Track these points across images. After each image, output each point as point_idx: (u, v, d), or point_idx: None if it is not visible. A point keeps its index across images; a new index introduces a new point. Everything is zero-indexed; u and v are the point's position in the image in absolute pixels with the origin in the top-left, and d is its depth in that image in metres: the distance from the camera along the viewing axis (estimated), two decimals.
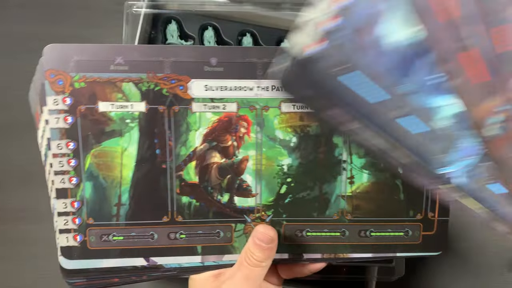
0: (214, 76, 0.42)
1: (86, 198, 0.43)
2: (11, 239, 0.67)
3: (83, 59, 0.41)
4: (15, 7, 0.73)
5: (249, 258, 0.40)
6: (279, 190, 0.44)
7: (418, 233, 0.46)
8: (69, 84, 0.42)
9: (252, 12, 0.60)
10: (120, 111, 0.42)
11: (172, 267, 0.44)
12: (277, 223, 0.44)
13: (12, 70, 0.71)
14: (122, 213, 0.43)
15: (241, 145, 0.43)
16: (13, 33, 0.72)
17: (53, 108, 0.42)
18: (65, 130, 0.43)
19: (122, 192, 0.43)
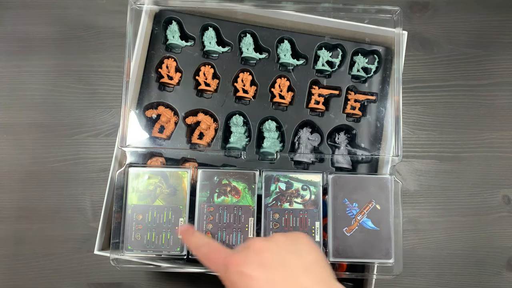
0: None
1: None
2: (11, 239, 0.67)
3: None
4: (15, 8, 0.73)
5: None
6: None
7: None
8: None
9: (252, 12, 0.60)
10: None
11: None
12: None
13: (13, 71, 0.71)
14: None
15: None
16: (14, 33, 0.72)
17: None
18: None
19: None
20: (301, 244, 0.39)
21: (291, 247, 0.38)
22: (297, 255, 0.37)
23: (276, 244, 0.38)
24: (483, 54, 0.73)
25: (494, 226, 0.69)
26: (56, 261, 0.66)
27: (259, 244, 0.38)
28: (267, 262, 0.36)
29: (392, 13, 0.57)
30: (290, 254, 0.37)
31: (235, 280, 0.36)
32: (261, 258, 0.36)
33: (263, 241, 0.38)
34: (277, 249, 0.37)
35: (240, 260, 0.37)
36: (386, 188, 0.53)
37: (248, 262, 0.37)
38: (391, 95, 0.60)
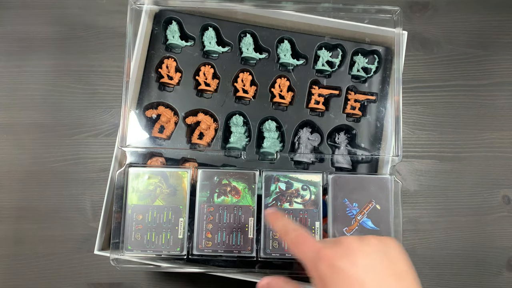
0: None
1: None
2: (11, 239, 0.67)
3: None
4: (15, 8, 0.73)
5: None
6: None
7: None
8: None
9: (252, 12, 0.60)
10: None
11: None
12: None
13: (13, 71, 0.71)
14: None
15: None
16: (14, 33, 0.72)
17: None
18: None
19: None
20: (393, 250, 0.38)
21: (383, 252, 0.37)
22: (390, 262, 0.37)
23: (369, 245, 0.37)
24: (483, 54, 0.73)
25: (494, 226, 0.69)
26: (56, 261, 0.66)
27: (353, 243, 0.37)
28: (360, 263, 0.36)
29: (392, 13, 0.57)
30: (383, 259, 0.37)
31: (325, 272, 0.36)
32: (354, 257, 0.36)
33: (357, 240, 0.37)
34: (369, 251, 0.37)
35: (333, 254, 0.37)
36: (386, 188, 0.53)
37: (342, 257, 0.36)
38: (391, 95, 0.60)
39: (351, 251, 0.36)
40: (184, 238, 0.51)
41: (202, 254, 0.52)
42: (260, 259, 0.52)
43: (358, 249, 0.37)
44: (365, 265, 0.36)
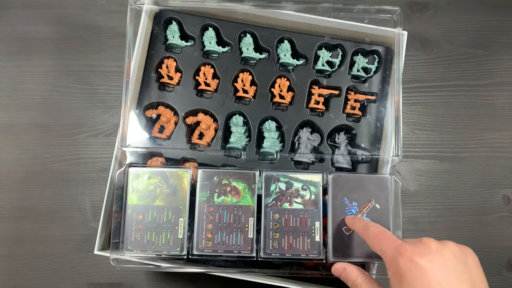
0: None
1: None
2: (11, 239, 0.67)
3: None
4: (15, 8, 0.73)
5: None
6: None
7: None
8: None
9: (252, 12, 0.60)
10: None
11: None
12: None
13: (13, 71, 0.71)
14: None
15: None
16: (14, 33, 0.72)
17: None
18: None
19: None
20: (471, 259, 0.39)
21: (461, 259, 0.39)
22: (466, 268, 0.38)
23: (448, 249, 0.38)
24: (483, 54, 0.73)
25: (494, 226, 0.69)
26: (56, 261, 0.66)
27: (434, 245, 0.38)
28: (438, 263, 0.37)
29: (392, 13, 0.57)
30: (460, 265, 0.38)
31: (405, 266, 0.37)
32: (433, 256, 0.37)
33: (438, 243, 0.38)
34: (448, 254, 0.38)
35: (413, 250, 0.37)
36: (386, 188, 0.53)
37: (421, 255, 0.37)
38: (391, 95, 0.60)
39: (430, 250, 0.37)
40: (184, 238, 0.51)
41: (202, 254, 0.52)
42: (260, 259, 0.52)
43: (438, 250, 0.38)
44: (443, 266, 0.37)
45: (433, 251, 0.37)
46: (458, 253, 0.38)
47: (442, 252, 0.37)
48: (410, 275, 0.36)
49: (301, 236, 0.52)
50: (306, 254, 0.52)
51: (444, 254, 0.37)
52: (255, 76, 0.60)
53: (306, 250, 0.52)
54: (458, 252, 0.39)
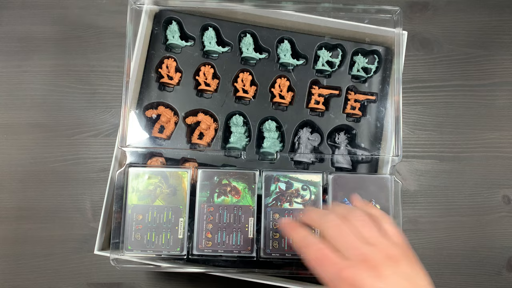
0: None
1: None
2: (11, 239, 0.67)
3: None
4: (15, 8, 0.73)
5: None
6: None
7: None
8: None
9: (252, 12, 0.60)
10: None
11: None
12: None
13: (13, 71, 0.71)
14: None
15: None
16: (14, 33, 0.72)
17: None
18: None
19: None
20: (414, 268, 0.39)
21: (405, 272, 0.38)
22: (410, 280, 0.38)
23: (395, 266, 0.38)
24: (483, 54, 0.73)
25: (494, 226, 0.69)
26: (56, 261, 0.66)
27: (379, 264, 0.38)
28: (384, 283, 0.36)
29: (392, 13, 0.57)
30: (405, 279, 0.37)
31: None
32: (379, 278, 0.37)
33: (383, 260, 0.38)
34: (394, 272, 0.37)
35: (356, 275, 0.37)
36: (386, 188, 0.53)
37: (365, 278, 0.36)
38: (391, 95, 0.60)
39: (375, 271, 0.37)
40: (184, 238, 0.51)
41: (202, 254, 0.52)
42: (260, 259, 0.52)
43: (384, 272, 0.37)
44: (388, 285, 0.36)
45: (378, 272, 0.37)
46: (403, 266, 0.38)
47: (387, 272, 0.37)
48: None
49: None
50: None
51: (390, 273, 0.37)
52: (255, 76, 0.60)
53: None
54: (402, 265, 0.38)
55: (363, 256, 0.38)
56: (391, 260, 0.38)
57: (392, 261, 0.38)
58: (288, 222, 0.44)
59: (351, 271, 0.37)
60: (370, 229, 0.41)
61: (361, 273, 0.37)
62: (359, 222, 0.41)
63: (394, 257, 0.38)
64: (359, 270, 0.37)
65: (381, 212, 0.43)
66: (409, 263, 0.39)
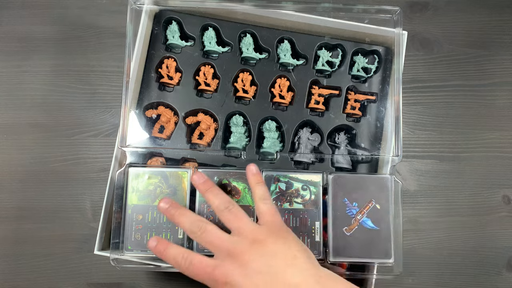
0: None
1: None
2: (11, 239, 0.67)
3: None
4: (15, 8, 0.73)
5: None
6: None
7: None
8: None
9: (252, 12, 0.60)
10: None
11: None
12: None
13: (13, 71, 0.71)
14: None
15: None
16: (14, 33, 0.72)
17: None
18: None
19: None
20: (290, 241, 0.40)
21: (274, 251, 0.39)
22: (277, 255, 0.38)
23: (261, 248, 0.39)
24: (483, 54, 0.73)
25: (494, 226, 0.69)
26: (56, 261, 0.66)
27: (245, 253, 0.39)
28: (252, 272, 0.37)
29: (392, 13, 0.57)
30: (275, 258, 0.38)
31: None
32: (246, 269, 0.38)
33: (249, 249, 0.39)
34: (260, 256, 0.38)
35: (226, 272, 0.38)
36: (386, 188, 0.53)
37: (234, 274, 0.38)
38: (391, 95, 0.60)
39: (242, 263, 0.38)
40: (184, 238, 0.51)
41: (202, 254, 0.51)
42: None
43: (250, 258, 0.38)
44: (255, 270, 0.37)
45: (245, 263, 0.38)
46: (265, 249, 0.39)
47: (254, 259, 0.38)
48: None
49: (301, 236, 0.52)
50: None
51: (256, 259, 0.38)
52: (255, 76, 0.60)
53: None
54: (264, 249, 0.39)
55: (228, 251, 0.39)
56: (256, 243, 0.39)
57: (257, 244, 0.39)
58: (153, 244, 0.45)
59: (220, 270, 0.39)
60: (236, 219, 0.42)
61: (229, 268, 0.38)
62: (227, 215, 0.42)
63: (259, 240, 0.39)
64: (227, 266, 0.39)
65: (259, 192, 0.44)
66: (275, 239, 0.39)
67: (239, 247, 0.39)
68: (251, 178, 0.46)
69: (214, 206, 0.44)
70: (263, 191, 0.45)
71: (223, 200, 0.44)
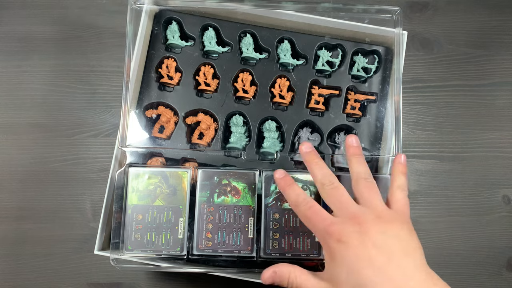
0: None
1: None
2: (11, 239, 0.67)
3: None
4: (15, 8, 0.73)
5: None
6: None
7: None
8: None
9: (252, 12, 0.60)
10: None
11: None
12: None
13: (13, 71, 0.71)
14: None
15: None
16: (14, 33, 0.72)
17: None
18: None
19: None
20: (405, 229, 0.39)
21: (395, 232, 0.38)
22: (399, 239, 0.38)
23: (382, 224, 0.38)
24: (483, 54, 0.73)
25: (494, 226, 0.69)
26: (56, 261, 0.66)
27: (366, 222, 0.38)
28: (369, 240, 0.37)
29: (392, 13, 0.57)
30: (392, 238, 0.38)
31: (334, 247, 0.37)
32: (364, 235, 0.37)
33: (371, 220, 0.39)
34: (380, 231, 0.38)
35: (342, 230, 0.38)
36: (386, 188, 0.53)
37: (350, 234, 0.37)
38: (391, 95, 0.60)
39: (362, 230, 0.37)
40: (184, 238, 0.51)
41: (202, 254, 0.52)
42: (260, 259, 0.52)
43: (371, 229, 0.37)
44: (374, 243, 0.37)
45: (364, 229, 0.37)
46: (393, 228, 0.38)
47: (374, 230, 0.37)
48: (340, 256, 0.37)
49: (301, 236, 0.52)
50: (306, 254, 0.52)
51: (376, 231, 0.37)
52: (255, 76, 0.60)
53: (306, 250, 0.52)
54: (392, 227, 0.38)
55: (352, 214, 0.39)
56: (381, 220, 0.38)
57: (382, 221, 0.38)
58: (283, 177, 0.45)
59: (338, 227, 0.38)
60: (370, 193, 0.41)
61: (347, 228, 0.38)
62: (364, 184, 0.42)
63: (384, 218, 0.39)
64: (346, 225, 0.38)
65: (400, 181, 0.44)
66: (400, 226, 0.39)
67: (363, 216, 0.39)
68: (397, 166, 0.46)
69: (353, 174, 0.44)
70: (404, 181, 0.44)
71: (363, 169, 0.44)
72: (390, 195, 0.43)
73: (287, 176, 0.46)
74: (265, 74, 0.60)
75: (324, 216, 0.40)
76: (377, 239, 0.37)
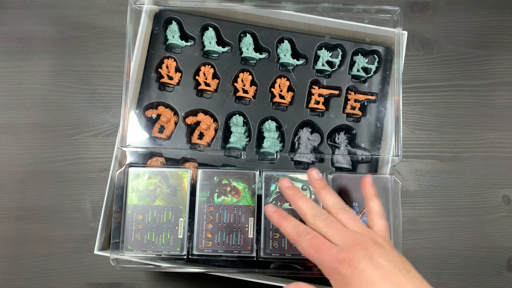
0: None
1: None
2: (11, 239, 0.67)
3: None
4: (15, 8, 0.73)
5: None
6: None
7: None
8: None
9: (252, 12, 0.60)
10: None
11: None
12: None
13: (13, 71, 0.71)
14: None
15: None
16: (14, 33, 0.72)
17: None
18: None
19: None
20: (396, 253, 0.41)
21: (391, 254, 0.40)
22: (397, 261, 0.40)
23: (382, 248, 0.40)
24: (483, 54, 0.73)
25: (494, 226, 0.69)
26: (56, 261, 0.66)
27: (368, 247, 0.40)
28: (376, 264, 0.39)
29: (392, 13, 0.57)
30: (392, 260, 0.40)
31: (348, 274, 0.38)
32: (371, 260, 0.39)
33: (371, 245, 0.40)
34: (382, 254, 0.40)
35: (352, 256, 0.39)
36: (386, 188, 0.53)
37: (361, 259, 0.39)
38: (391, 95, 0.60)
39: (368, 253, 0.39)
40: (184, 238, 0.51)
41: (202, 254, 0.52)
42: (260, 259, 0.52)
43: (374, 252, 0.39)
44: (381, 264, 0.39)
45: (370, 254, 0.39)
46: (386, 252, 0.40)
47: (377, 253, 0.39)
48: (353, 279, 0.38)
49: None
50: None
51: (379, 255, 0.39)
52: (255, 76, 0.60)
53: None
54: (385, 251, 0.40)
55: (353, 241, 0.40)
56: (378, 245, 0.41)
57: (379, 246, 0.41)
58: (275, 211, 0.45)
59: (346, 254, 0.39)
60: (355, 221, 0.43)
61: (356, 254, 0.39)
62: (345, 214, 0.43)
63: (379, 243, 0.41)
64: (353, 251, 0.39)
65: (376, 207, 0.45)
66: (391, 249, 0.42)
67: (363, 241, 0.40)
68: (365, 188, 0.47)
69: (329, 207, 0.45)
70: (379, 206, 0.45)
71: (336, 200, 0.45)
72: (370, 221, 0.45)
73: (279, 210, 0.46)
74: (265, 74, 0.60)
75: (329, 244, 0.41)
76: (381, 260, 0.39)
